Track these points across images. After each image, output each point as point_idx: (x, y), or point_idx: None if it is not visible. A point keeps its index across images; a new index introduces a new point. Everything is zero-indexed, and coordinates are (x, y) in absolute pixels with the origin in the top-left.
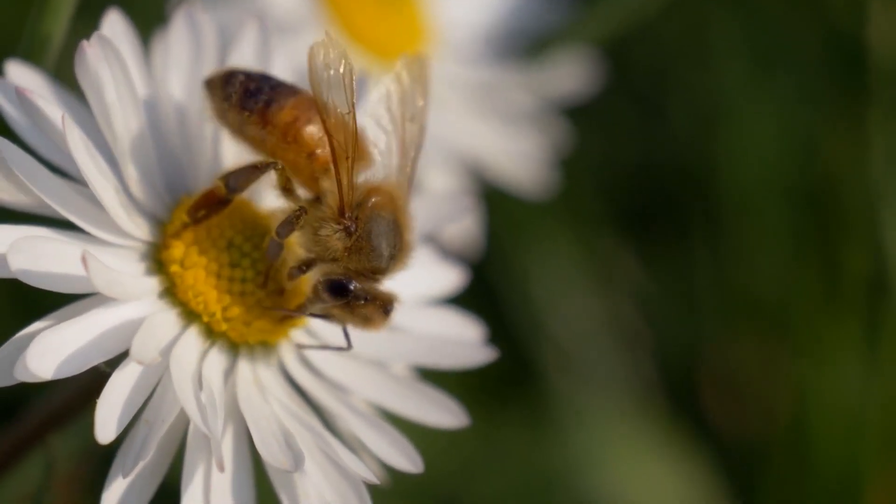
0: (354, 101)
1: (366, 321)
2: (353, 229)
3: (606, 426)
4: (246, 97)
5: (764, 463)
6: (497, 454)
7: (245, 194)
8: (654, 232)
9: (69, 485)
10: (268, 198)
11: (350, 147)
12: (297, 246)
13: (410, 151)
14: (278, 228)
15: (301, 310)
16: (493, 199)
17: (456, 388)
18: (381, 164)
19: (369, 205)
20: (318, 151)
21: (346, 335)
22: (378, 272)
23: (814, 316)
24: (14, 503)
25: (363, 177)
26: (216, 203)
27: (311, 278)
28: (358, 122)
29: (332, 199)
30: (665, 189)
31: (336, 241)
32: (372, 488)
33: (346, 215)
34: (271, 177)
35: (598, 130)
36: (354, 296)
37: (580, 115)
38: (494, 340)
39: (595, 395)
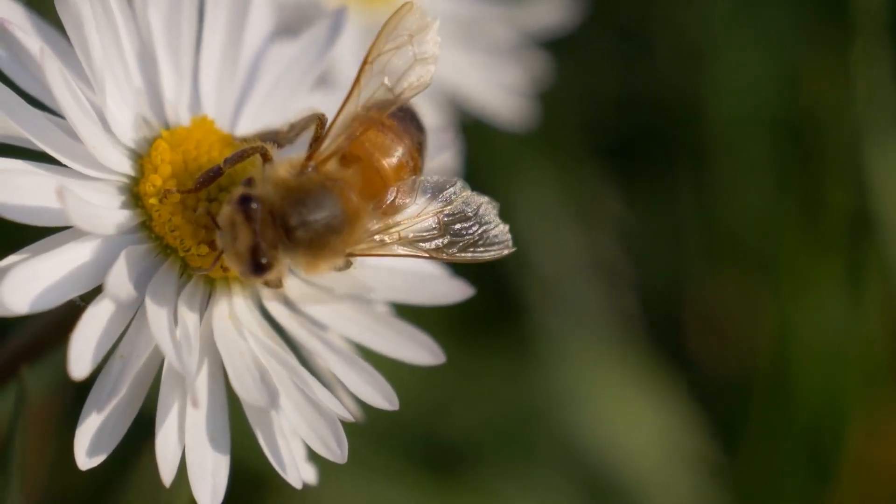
0: (417, 84)
1: (234, 244)
2: (305, 174)
3: (588, 362)
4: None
5: (746, 399)
6: (478, 389)
7: (226, 128)
8: (637, 167)
9: (43, 419)
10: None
11: (372, 113)
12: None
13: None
14: (226, 158)
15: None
16: (476, 133)
17: (437, 323)
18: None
19: (338, 183)
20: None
21: (217, 258)
22: (286, 228)
23: (797, 252)
24: None
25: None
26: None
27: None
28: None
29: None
30: (649, 124)
31: (284, 171)
32: (349, 423)
33: (311, 163)
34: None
35: (582, 64)
36: (246, 211)
37: (565, 49)
38: (476, 275)
39: (577, 330)
